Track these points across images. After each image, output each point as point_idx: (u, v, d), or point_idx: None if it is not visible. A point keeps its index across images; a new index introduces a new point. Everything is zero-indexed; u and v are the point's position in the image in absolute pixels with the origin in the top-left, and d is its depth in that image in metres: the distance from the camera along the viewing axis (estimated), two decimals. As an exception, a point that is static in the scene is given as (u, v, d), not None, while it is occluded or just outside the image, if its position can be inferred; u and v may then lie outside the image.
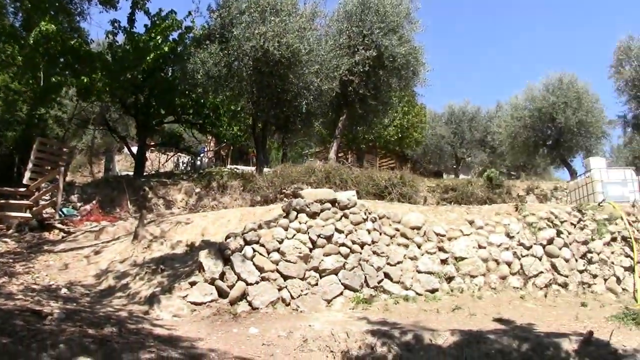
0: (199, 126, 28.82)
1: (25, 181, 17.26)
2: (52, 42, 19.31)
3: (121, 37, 23.48)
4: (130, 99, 25.26)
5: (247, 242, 11.27)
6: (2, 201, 16.97)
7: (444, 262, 12.73)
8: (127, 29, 23.11)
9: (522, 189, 26.03)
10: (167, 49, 22.67)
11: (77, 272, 12.73)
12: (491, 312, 11.21)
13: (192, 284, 10.44)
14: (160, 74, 24.74)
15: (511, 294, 12.54)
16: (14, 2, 19.61)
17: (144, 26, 23.47)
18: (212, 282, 10.50)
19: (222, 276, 10.64)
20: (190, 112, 27.07)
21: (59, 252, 14.17)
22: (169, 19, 23.19)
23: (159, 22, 23.07)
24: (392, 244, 12.66)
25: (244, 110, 25.52)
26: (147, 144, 28.39)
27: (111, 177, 28.11)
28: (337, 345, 8.58)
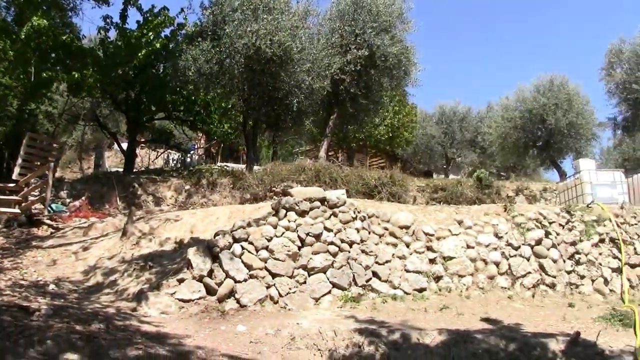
0: (189, 123, 28.76)
1: (14, 176, 17.19)
2: (44, 37, 19.25)
3: (113, 33, 23.43)
4: (121, 95, 25.20)
5: (235, 240, 11.26)
6: (-9, 196, 16.92)
7: (433, 261, 12.76)
8: (119, 25, 23.05)
9: (512, 189, 26.13)
10: (159, 46, 22.65)
11: (65, 268, 12.71)
12: (479, 311, 11.26)
13: (180, 281, 10.42)
14: (151, 70, 24.70)
15: (499, 293, 12.59)
16: (6, -3, 19.59)
17: (136, 22, 23.43)
18: (200, 280, 10.49)
19: (210, 273, 10.63)
20: (181, 109, 27.02)
21: (48, 248, 14.15)
22: (161, 16, 23.16)
23: (151, 19, 23.04)
24: (381, 243, 12.69)
25: (234, 107, 25.48)
26: (138, 140, 28.31)
27: (101, 173, 28.00)
28: (325, 343, 8.59)
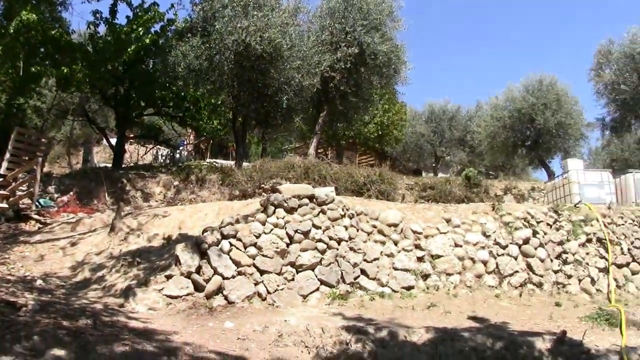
0: (178, 119, 28.75)
1: (2, 171, 17.09)
2: (33, 31, 19.20)
3: (103, 28, 23.40)
4: (110, 91, 25.15)
5: (224, 236, 11.26)
6: (-21, 191, 16.83)
7: (421, 259, 12.80)
8: (109, 20, 23.03)
9: (500, 188, 26.24)
10: (148, 41, 22.61)
11: (52, 263, 12.67)
12: (466, 310, 11.30)
13: (168, 277, 10.40)
14: (141, 66, 24.66)
15: (486, 292, 12.64)
16: (-5, -9, 19.50)
17: (126, 17, 23.40)
18: (188, 276, 10.47)
19: (198, 270, 10.62)
20: (170, 104, 26.98)
21: (35, 243, 14.09)
22: (151, 11, 23.14)
23: (141, 14, 23.00)
24: (369, 241, 12.71)
25: (224, 104, 25.46)
26: (127, 136, 28.27)
27: (89, 168, 27.96)
28: (312, 340, 8.61)
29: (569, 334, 8.88)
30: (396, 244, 12.88)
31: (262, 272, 11.16)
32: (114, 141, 27.54)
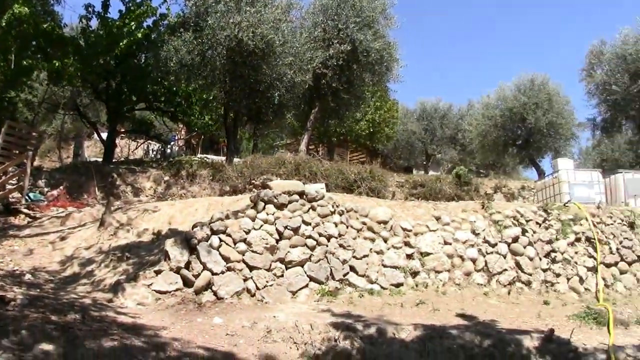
0: (170, 114, 28.67)
1: (-8, 164, 17.05)
2: (25, 24, 19.14)
3: (95, 22, 23.33)
4: (101, 85, 25.05)
5: (213, 232, 11.27)
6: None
7: (410, 257, 12.85)
8: (101, 14, 22.99)
9: (490, 187, 26.33)
10: (140, 36, 22.54)
11: (41, 257, 12.65)
12: (455, 307, 11.36)
13: (158, 272, 10.41)
14: (133, 60, 24.59)
15: (475, 290, 12.70)
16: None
17: (119, 12, 23.32)
18: (177, 271, 10.48)
19: (187, 265, 10.63)
20: (162, 99, 26.91)
21: (24, 237, 14.07)
22: (143, 6, 23.08)
23: (133, 8, 22.93)
24: (359, 238, 12.75)
25: (216, 99, 25.43)
26: (118, 130, 28.19)
27: (80, 163, 27.84)
28: (301, 337, 8.63)
29: (557, 333, 8.95)
30: (386, 241, 12.92)
31: (251, 268, 11.19)
32: (104, 135, 27.49)
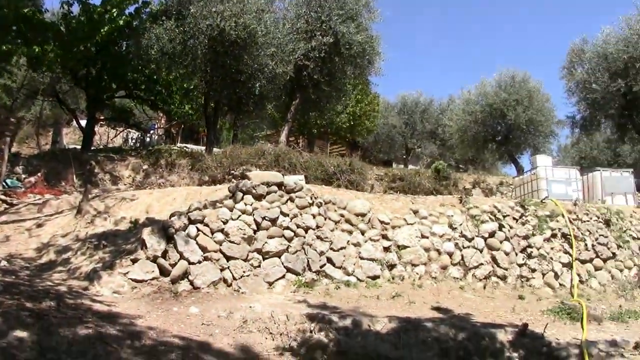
0: (150, 102, 28.46)
1: (-32, 150, 16.89)
2: (5, 9, 18.91)
3: (76, 8, 22.99)
4: (81, 72, 24.81)
5: (191, 221, 11.27)
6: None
7: (387, 249, 12.91)
8: (83, 0, 22.70)
9: (469, 182, 26.45)
10: (122, 23, 22.30)
11: (17, 244, 12.58)
12: (430, 300, 11.43)
13: (134, 261, 10.39)
14: (114, 47, 24.35)
15: (451, 283, 12.79)
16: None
17: (100, -2, 23.04)
18: (154, 260, 10.47)
19: (164, 254, 10.62)
20: (142, 87, 26.67)
21: (1, 223, 13.96)
22: (126, -8, 22.83)
23: (115, -5, 22.69)
24: (337, 230, 12.79)
25: (196, 88, 25.39)
26: (97, 118, 27.93)
27: (58, 150, 27.64)
28: (277, 327, 8.65)
29: (531, 327, 9.03)
30: (363, 233, 12.98)
31: (228, 258, 11.20)
32: (84, 123, 27.29)
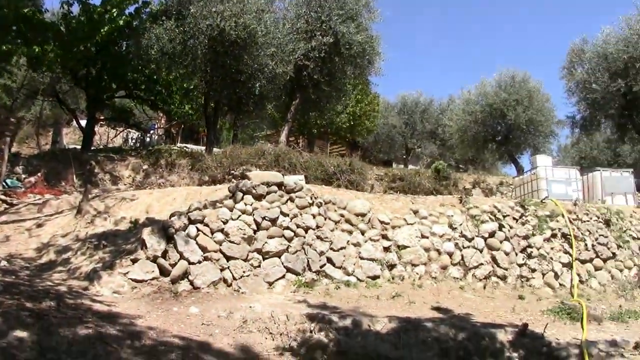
0: (150, 102, 28.46)
1: (-32, 150, 16.88)
2: (5, 9, 18.90)
3: (76, 8, 22.98)
4: (81, 72, 24.80)
5: (191, 221, 11.26)
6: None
7: (387, 249, 12.91)
8: (83, 0, 22.68)
9: (469, 182, 26.44)
10: (122, 23, 22.28)
11: (18, 244, 12.57)
12: (430, 300, 11.43)
13: (134, 261, 10.39)
14: (113, 47, 24.33)
15: (451, 283, 12.78)
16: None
17: (100, -2, 23.02)
18: (154, 260, 10.46)
19: (164, 254, 10.62)
20: (142, 87, 26.67)
21: (1, 223, 13.96)
22: (126, -8, 22.81)
23: (115, -5, 22.67)
24: (337, 230, 12.78)
25: (196, 88, 25.39)
26: (97, 118, 27.93)
27: (58, 150, 27.63)
28: (277, 327, 8.65)
29: (531, 327, 9.03)
30: (363, 233, 12.98)
31: (228, 258, 11.19)
32: (84, 123, 27.28)
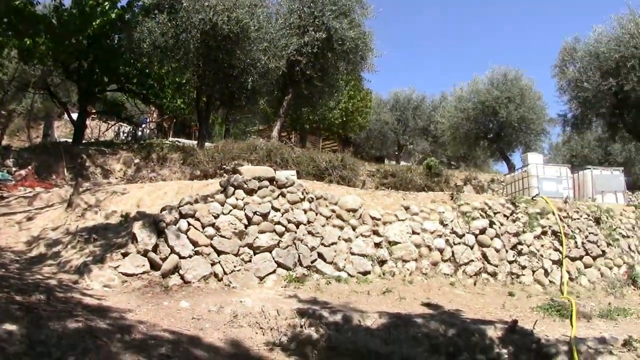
0: (142, 96, 28.39)
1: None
2: (-4, 1, 18.78)
3: (68, 1, 22.89)
4: (73, 64, 24.70)
5: (182, 216, 11.24)
6: None
7: (378, 245, 12.91)
8: (75, -8, 22.60)
9: (461, 179, 26.50)
10: (114, 16, 22.16)
11: (7, 237, 12.52)
12: (421, 296, 11.45)
13: (125, 254, 10.35)
14: (105, 40, 24.24)
15: (441, 280, 12.81)
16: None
17: (93, -10, 22.91)
18: (144, 254, 10.43)
19: (155, 248, 10.59)
20: (134, 81, 26.63)
21: (-10, 216, 13.91)
22: (118, -14, 22.73)
23: (108, -12, 22.57)
24: (328, 225, 12.78)
25: (188, 83, 25.33)
26: (88, 111, 27.83)
27: (49, 143, 27.49)
28: (267, 322, 8.66)
29: (521, 324, 9.04)
30: (354, 229, 12.97)
31: (219, 253, 11.18)
32: (75, 116, 27.20)
